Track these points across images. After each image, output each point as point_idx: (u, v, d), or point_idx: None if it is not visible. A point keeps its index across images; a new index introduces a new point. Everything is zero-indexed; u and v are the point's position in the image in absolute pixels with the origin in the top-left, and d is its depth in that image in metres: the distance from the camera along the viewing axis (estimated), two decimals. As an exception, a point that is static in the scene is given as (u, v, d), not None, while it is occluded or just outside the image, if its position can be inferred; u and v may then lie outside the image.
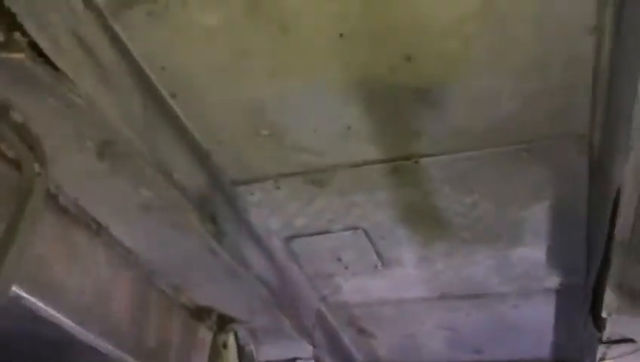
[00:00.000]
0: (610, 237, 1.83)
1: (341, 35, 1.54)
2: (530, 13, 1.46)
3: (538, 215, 2.14)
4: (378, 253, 2.48)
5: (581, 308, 2.60)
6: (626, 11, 1.40)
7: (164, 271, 2.19)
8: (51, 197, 1.73)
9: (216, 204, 2.03)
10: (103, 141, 1.60)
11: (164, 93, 1.75)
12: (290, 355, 2.80)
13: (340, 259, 2.55)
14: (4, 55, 1.30)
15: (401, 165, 1.95)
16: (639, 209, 1.64)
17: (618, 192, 1.65)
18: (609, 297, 2.02)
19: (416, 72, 1.64)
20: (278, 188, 2.12)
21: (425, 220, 2.24)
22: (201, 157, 1.95)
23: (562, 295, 2.75)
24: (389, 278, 2.68)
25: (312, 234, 2.38)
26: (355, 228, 2.31)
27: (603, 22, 1.48)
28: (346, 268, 2.60)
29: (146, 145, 1.67)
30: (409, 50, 1.58)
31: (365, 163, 1.96)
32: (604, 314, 2.01)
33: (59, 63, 1.38)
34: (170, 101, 1.78)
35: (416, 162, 1.93)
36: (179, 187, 1.80)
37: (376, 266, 2.57)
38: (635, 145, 1.47)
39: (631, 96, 1.39)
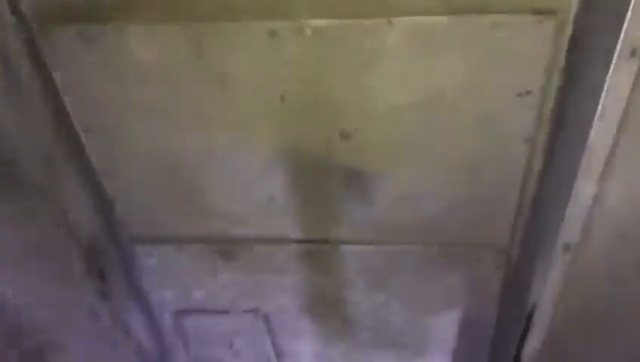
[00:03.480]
0: (517, 358, 1.78)
1: (282, 97, 1.47)
2: (473, 114, 1.46)
3: (446, 325, 2.07)
4: (275, 345, 2.30)
5: None
6: (561, 130, 1.43)
7: (33, 327, 1.91)
8: None
9: (109, 259, 1.83)
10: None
11: (78, 125, 1.59)
12: None
13: (231, 346, 2.35)
14: None
15: (318, 248, 1.85)
16: (551, 331, 1.61)
17: (531, 313, 1.62)
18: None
19: (350, 152, 1.58)
20: (179, 253, 1.95)
21: (331, 314, 2.11)
22: (103, 204, 1.77)
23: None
24: (281, 374, 2.49)
25: (207, 312, 2.18)
26: (256, 312, 2.15)
27: (538, 136, 1.50)
28: (237, 356, 2.39)
29: (45, 175, 1.49)
30: (347, 128, 1.53)
31: (282, 240, 1.84)
32: None
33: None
34: (83, 135, 1.62)
35: (333, 248, 1.84)
36: (70, 230, 1.60)
37: (268, 359, 2.38)
38: (556, 265, 1.46)
39: (558, 214, 1.40)
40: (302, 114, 1.50)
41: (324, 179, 1.65)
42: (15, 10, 1.39)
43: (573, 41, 1.28)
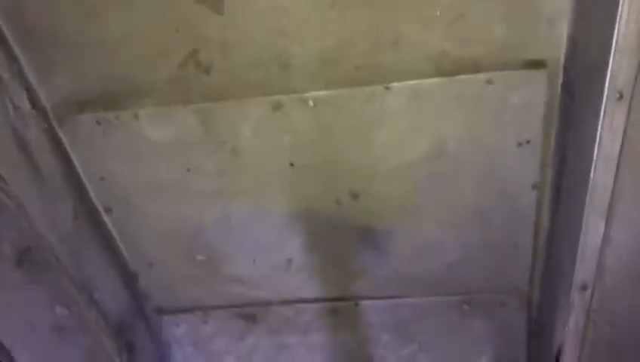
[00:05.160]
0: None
1: (291, 164, 1.53)
2: (477, 166, 1.50)
3: (476, 374, 2.06)
4: (306, 406, 2.29)
5: None
6: (565, 173, 1.46)
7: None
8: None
9: (137, 332, 1.86)
10: (23, 247, 1.47)
11: (99, 205, 1.67)
12: None
13: (264, 410, 2.34)
14: None
15: (340, 306, 1.87)
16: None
17: (558, 353, 1.61)
18: None
19: (362, 211, 1.62)
20: (205, 321, 1.98)
21: (359, 370, 2.11)
22: (127, 278, 1.82)
23: None
24: None
25: (236, 378, 2.19)
26: (284, 374, 2.15)
27: (544, 181, 1.53)
28: (270, 420, 2.38)
29: (70, 256, 1.55)
30: (356, 188, 1.58)
31: (303, 301, 1.87)
32: None
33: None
34: (104, 215, 1.69)
35: (356, 304, 1.86)
36: (98, 308, 1.65)
37: (302, 421, 2.37)
38: (576, 305, 1.47)
39: (572, 255, 1.41)
40: (311, 178, 1.56)
41: (339, 238, 1.69)
42: (35, 104, 1.48)
43: (566, 89, 1.32)
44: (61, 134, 1.53)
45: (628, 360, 1.55)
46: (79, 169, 1.59)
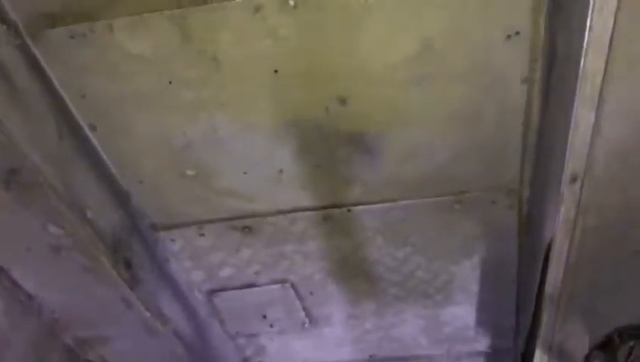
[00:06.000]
0: (539, 294, 1.80)
1: (275, 71, 1.49)
2: (466, 62, 1.46)
3: (469, 271, 2.11)
4: (306, 310, 2.36)
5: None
6: (555, 64, 1.43)
7: (70, 323, 1.99)
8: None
9: (133, 248, 1.88)
10: (9, 169, 1.45)
11: (83, 123, 1.64)
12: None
13: (265, 317, 2.41)
14: None
15: (334, 213, 1.88)
16: (569, 263, 1.63)
17: (549, 247, 1.64)
18: (538, 359, 1.99)
19: (351, 116, 1.60)
20: (202, 235, 2.00)
21: (355, 274, 2.16)
22: (119, 196, 1.81)
23: (492, 358, 2.70)
24: (317, 338, 2.55)
25: (236, 288, 2.24)
26: (283, 282, 2.20)
27: (534, 74, 1.49)
28: (272, 326, 2.46)
29: (58, 177, 1.53)
30: (344, 93, 1.54)
31: (296, 210, 1.88)
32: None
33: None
34: (89, 133, 1.66)
35: (348, 210, 1.87)
36: (92, 226, 1.65)
37: (303, 324, 2.44)
38: (566, 197, 1.47)
39: (562, 148, 1.40)
40: (297, 84, 1.52)
41: (330, 146, 1.68)
42: (4, 19, 1.41)
43: (555, -26, 1.27)
44: (35, 51, 1.48)
45: (616, 249, 1.58)
46: (58, 87, 1.55)
